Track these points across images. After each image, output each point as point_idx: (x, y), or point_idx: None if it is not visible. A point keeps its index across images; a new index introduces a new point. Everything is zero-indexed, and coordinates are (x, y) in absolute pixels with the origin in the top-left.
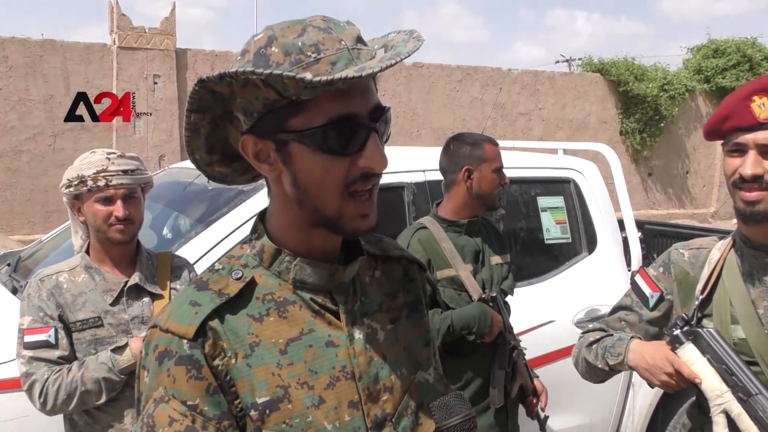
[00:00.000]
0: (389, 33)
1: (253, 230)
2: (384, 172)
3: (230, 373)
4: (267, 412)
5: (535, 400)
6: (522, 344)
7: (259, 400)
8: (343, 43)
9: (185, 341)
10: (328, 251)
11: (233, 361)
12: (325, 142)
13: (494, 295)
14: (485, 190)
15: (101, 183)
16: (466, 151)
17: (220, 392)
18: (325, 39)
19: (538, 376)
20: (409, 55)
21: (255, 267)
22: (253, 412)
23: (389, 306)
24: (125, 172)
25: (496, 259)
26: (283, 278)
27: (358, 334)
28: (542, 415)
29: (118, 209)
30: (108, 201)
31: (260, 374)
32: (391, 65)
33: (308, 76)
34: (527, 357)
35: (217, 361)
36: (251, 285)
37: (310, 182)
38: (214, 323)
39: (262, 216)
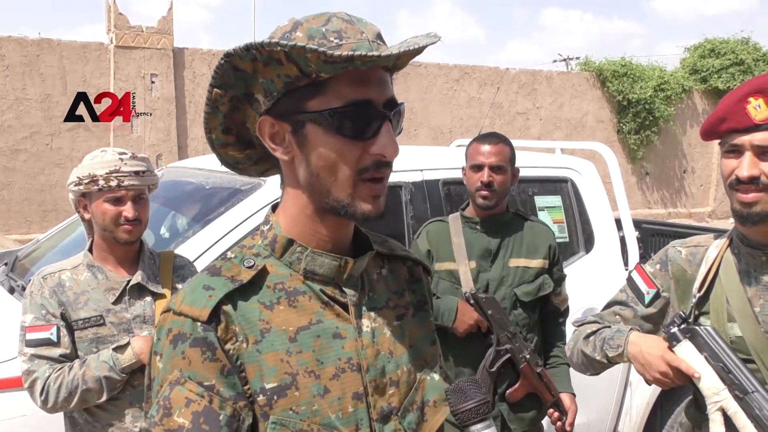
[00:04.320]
0: (407, 38)
1: (265, 221)
2: None
3: (241, 357)
4: (275, 398)
5: (556, 414)
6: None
7: (268, 386)
8: (364, 35)
9: (199, 324)
10: (338, 244)
11: (244, 345)
12: (341, 125)
13: (474, 292)
14: (469, 188)
15: (113, 183)
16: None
17: (234, 374)
18: (348, 29)
19: (573, 393)
20: (426, 46)
21: (266, 257)
22: (261, 398)
23: (396, 303)
24: (137, 173)
25: (518, 262)
26: (294, 269)
27: (366, 327)
28: None
29: (129, 210)
30: (118, 201)
31: (270, 360)
32: (409, 51)
33: (329, 51)
34: None
35: (228, 345)
36: (263, 273)
37: (323, 165)
38: (227, 307)
39: (274, 209)
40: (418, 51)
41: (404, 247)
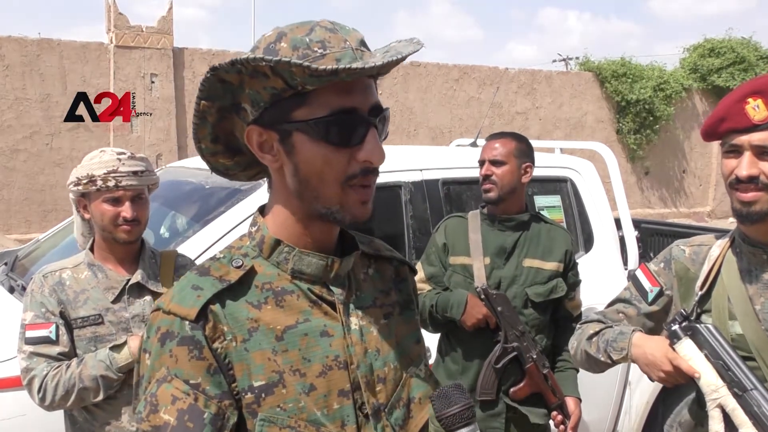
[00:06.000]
0: (391, 42)
1: (253, 223)
2: (381, 171)
3: (229, 356)
4: (263, 395)
5: (560, 417)
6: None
7: (256, 384)
8: (347, 43)
9: (187, 322)
10: (325, 245)
11: (233, 344)
12: (327, 133)
13: (485, 287)
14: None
15: (111, 183)
16: None
17: (221, 372)
18: (332, 38)
19: (579, 398)
20: (409, 54)
21: (255, 257)
22: (249, 395)
23: (383, 302)
24: (135, 173)
25: (532, 263)
26: (281, 268)
27: (355, 325)
28: None
29: (127, 210)
30: (116, 201)
31: (257, 359)
32: (393, 61)
33: (314, 64)
34: None
35: (216, 344)
36: (251, 273)
37: (311, 173)
38: (215, 307)
39: (261, 210)
40: (402, 59)
41: (389, 248)
